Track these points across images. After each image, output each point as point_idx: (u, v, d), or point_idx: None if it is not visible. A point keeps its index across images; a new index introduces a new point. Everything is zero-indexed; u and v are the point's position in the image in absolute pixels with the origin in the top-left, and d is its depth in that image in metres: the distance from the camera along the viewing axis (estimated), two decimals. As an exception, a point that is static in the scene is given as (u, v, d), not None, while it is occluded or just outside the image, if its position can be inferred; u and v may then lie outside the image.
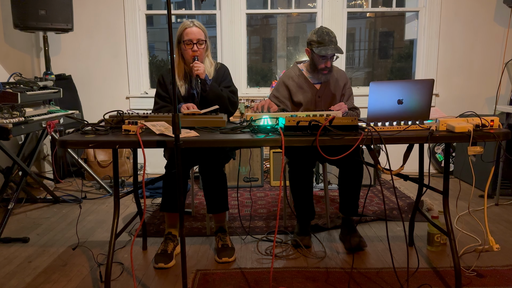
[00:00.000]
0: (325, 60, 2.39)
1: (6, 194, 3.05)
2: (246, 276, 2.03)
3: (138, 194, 2.32)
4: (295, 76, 2.54)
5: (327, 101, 2.53)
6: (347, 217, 2.46)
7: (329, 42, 2.36)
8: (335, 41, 2.39)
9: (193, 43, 2.35)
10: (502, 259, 2.21)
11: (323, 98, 2.52)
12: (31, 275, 2.08)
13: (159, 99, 2.45)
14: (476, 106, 4.15)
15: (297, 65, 2.59)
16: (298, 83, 2.53)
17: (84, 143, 1.76)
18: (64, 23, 3.55)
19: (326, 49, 2.34)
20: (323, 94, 2.52)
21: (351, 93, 2.62)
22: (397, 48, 5.00)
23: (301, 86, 2.52)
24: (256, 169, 3.70)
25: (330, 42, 2.36)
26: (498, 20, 4.04)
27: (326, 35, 2.36)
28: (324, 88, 2.52)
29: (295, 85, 2.52)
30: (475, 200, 3.22)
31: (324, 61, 2.40)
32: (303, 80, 2.53)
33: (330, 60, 2.41)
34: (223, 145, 1.81)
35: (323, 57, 2.38)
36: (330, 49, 2.34)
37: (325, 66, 2.42)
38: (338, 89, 2.56)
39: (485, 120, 1.84)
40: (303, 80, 2.53)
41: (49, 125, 2.79)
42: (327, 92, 2.53)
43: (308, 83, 2.52)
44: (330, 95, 2.53)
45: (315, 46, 2.38)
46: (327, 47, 2.35)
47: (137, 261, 2.24)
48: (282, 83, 2.55)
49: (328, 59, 2.40)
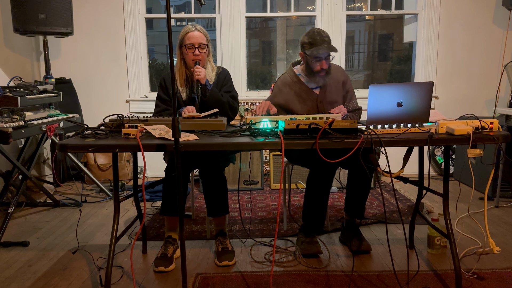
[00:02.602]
0: (319, 61, 2.28)
1: (6, 198, 3.04)
2: (246, 280, 2.03)
3: (138, 197, 2.32)
4: (291, 83, 2.44)
5: (330, 105, 2.41)
6: (351, 218, 2.42)
7: (321, 42, 2.25)
8: (328, 40, 2.28)
9: (194, 47, 2.35)
10: (503, 261, 2.20)
11: (325, 102, 2.41)
12: (31, 279, 2.08)
13: (160, 102, 2.45)
14: (476, 108, 4.15)
15: (293, 68, 2.48)
16: (295, 91, 2.41)
17: (84, 147, 1.76)
18: (64, 27, 3.56)
19: (318, 49, 2.24)
20: (324, 99, 2.41)
21: (353, 92, 2.50)
22: (396, 51, 5.01)
23: (299, 94, 2.41)
24: (256, 172, 3.70)
25: (323, 42, 2.25)
26: (497, 22, 4.05)
27: (317, 35, 2.27)
28: (324, 92, 2.42)
29: (292, 93, 2.41)
30: (475, 202, 3.22)
31: (318, 62, 2.29)
32: (300, 87, 2.42)
33: (326, 60, 2.29)
34: (223, 148, 1.81)
35: (317, 58, 2.27)
36: (322, 49, 2.24)
37: (321, 68, 2.30)
38: (339, 88, 2.44)
39: (485, 123, 1.84)
40: (300, 87, 2.42)
41: (49, 129, 2.79)
42: (328, 95, 2.42)
43: (306, 90, 2.41)
44: (331, 97, 2.42)
45: (307, 48, 2.29)
46: (319, 47, 2.24)
47: (137, 264, 2.24)
48: (278, 90, 2.45)
49: (322, 60, 2.28)
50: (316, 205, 2.29)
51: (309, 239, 2.31)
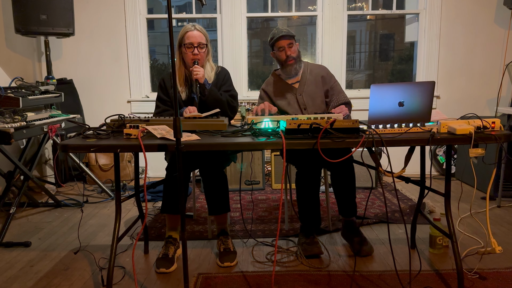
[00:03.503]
0: (283, 50, 2.48)
1: (8, 199, 3.05)
2: (248, 280, 2.03)
3: (139, 197, 2.32)
4: (273, 82, 2.64)
5: (309, 97, 2.55)
6: (348, 218, 2.43)
7: (279, 32, 2.47)
8: (285, 31, 2.47)
9: (193, 46, 2.35)
10: (505, 261, 2.20)
11: (304, 95, 2.56)
12: (33, 280, 2.08)
13: (160, 103, 2.45)
14: (477, 108, 4.14)
15: (274, 72, 2.68)
16: (276, 88, 2.60)
17: (86, 147, 1.76)
18: (65, 27, 3.57)
19: (277, 36, 2.46)
20: (303, 91, 2.56)
21: (339, 87, 2.62)
22: (397, 50, 5.00)
23: (280, 90, 2.60)
24: (258, 172, 3.70)
25: (280, 32, 2.47)
26: (498, 21, 4.04)
27: (275, 29, 2.51)
28: (303, 85, 2.57)
29: (273, 90, 2.61)
30: (477, 202, 3.22)
31: (283, 51, 2.48)
32: (281, 84, 2.61)
33: (289, 48, 2.47)
34: (224, 148, 1.81)
35: (280, 47, 2.47)
36: (279, 35, 2.44)
37: (287, 56, 2.48)
38: (318, 83, 2.58)
39: (486, 122, 1.84)
40: (280, 84, 2.61)
41: (50, 130, 2.80)
42: (307, 88, 2.57)
43: (285, 85, 2.60)
44: (310, 90, 2.57)
45: (270, 42, 2.52)
46: (277, 34, 2.46)
47: (139, 265, 2.24)
48: (262, 91, 2.66)
49: (285, 48, 2.47)
50: (308, 204, 2.34)
51: (309, 240, 2.32)
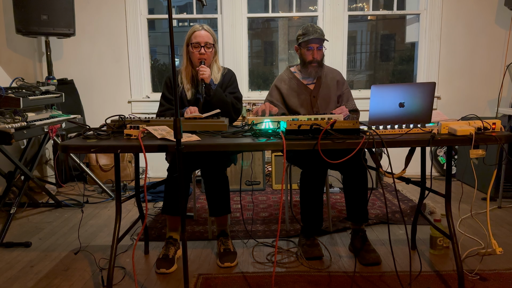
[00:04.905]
0: (311, 50, 2.42)
1: (8, 199, 3.05)
2: (248, 280, 2.03)
3: (140, 198, 2.32)
4: (287, 79, 2.55)
5: (323, 100, 2.51)
6: (357, 226, 2.34)
7: (313, 32, 2.40)
8: (320, 32, 2.42)
9: (200, 46, 2.37)
10: (505, 262, 2.20)
11: (318, 97, 2.51)
12: (33, 280, 2.08)
13: (165, 101, 2.45)
14: (478, 109, 4.14)
15: (289, 68, 2.60)
16: (290, 86, 2.53)
17: (86, 148, 1.76)
18: (66, 28, 3.57)
19: (309, 37, 2.39)
20: (318, 94, 2.51)
21: (350, 94, 2.59)
22: (398, 51, 5.00)
23: (294, 89, 2.52)
24: (258, 173, 3.70)
25: (314, 32, 2.40)
26: (499, 22, 4.04)
27: (310, 26, 2.43)
28: (318, 88, 2.52)
29: (287, 88, 2.53)
30: (477, 203, 3.21)
31: (310, 51, 2.43)
32: (296, 83, 2.53)
33: (318, 51, 2.43)
34: (224, 149, 1.81)
35: (309, 47, 2.41)
36: (313, 36, 2.38)
37: (313, 58, 2.43)
38: (333, 87, 2.54)
39: (487, 123, 1.84)
40: (296, 82, 2.53)
41: (51, 130, 2.80)
42: (322, 91, 2.52)
43: (301, 85, 2.52)
44: (325, 93, 2.52)
45: (300, 38, 2.44)
46: (311, 35, 2.39)
47: (139, 265, 2.24)
48: (275, 87, 2.57)
49: (314, 50, 2.42)
50: (311, 206, 2.31)
51: (309, 242, 2.31)
